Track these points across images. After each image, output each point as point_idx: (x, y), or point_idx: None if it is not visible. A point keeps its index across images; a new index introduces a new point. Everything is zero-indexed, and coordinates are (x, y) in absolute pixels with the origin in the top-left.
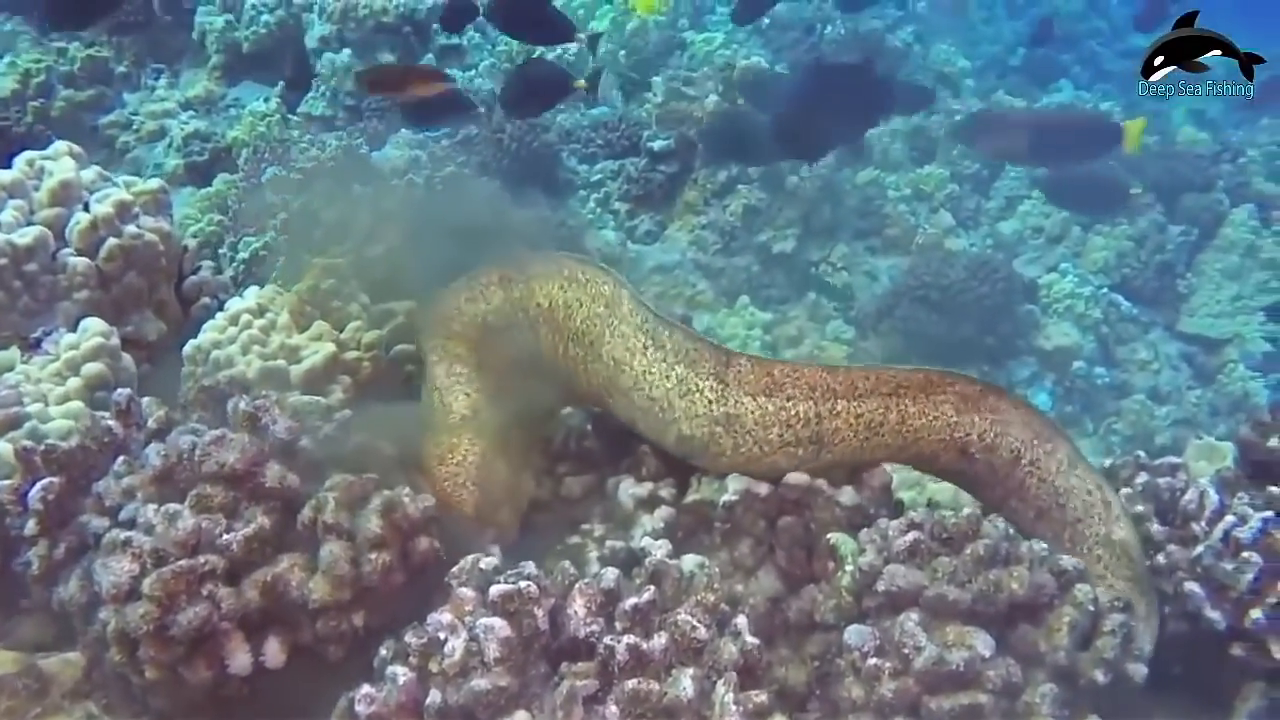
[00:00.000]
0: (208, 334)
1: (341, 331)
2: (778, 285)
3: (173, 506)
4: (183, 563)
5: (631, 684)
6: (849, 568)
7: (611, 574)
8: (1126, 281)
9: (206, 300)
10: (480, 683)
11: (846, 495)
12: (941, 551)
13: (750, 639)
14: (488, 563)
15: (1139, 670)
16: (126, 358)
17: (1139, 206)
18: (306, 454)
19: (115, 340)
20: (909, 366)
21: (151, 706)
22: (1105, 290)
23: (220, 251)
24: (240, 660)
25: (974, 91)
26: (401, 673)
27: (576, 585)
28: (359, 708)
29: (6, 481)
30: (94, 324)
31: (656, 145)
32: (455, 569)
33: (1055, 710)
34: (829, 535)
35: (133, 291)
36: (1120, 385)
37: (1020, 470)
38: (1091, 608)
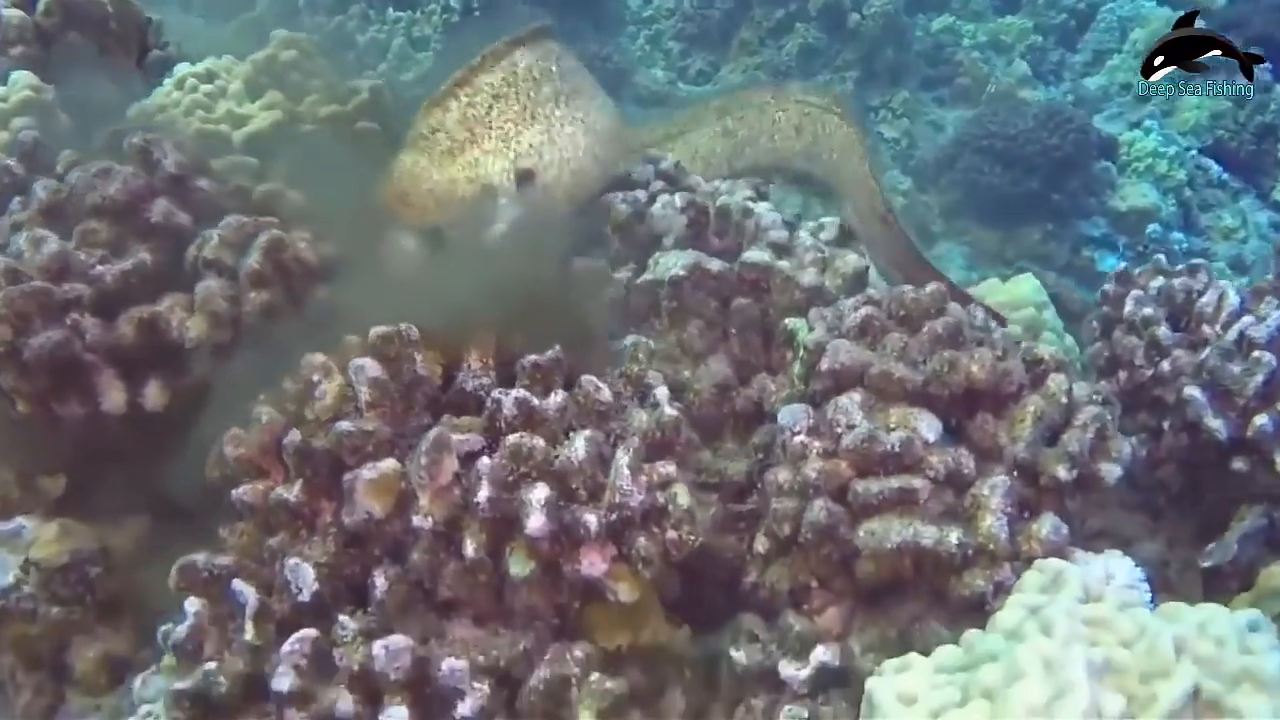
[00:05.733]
0: (155, 98)
1: (298, 105)
2: None
3: (41, 232)
4: (35, 283)
5: (513, 439)
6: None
7: None
8: (1220, 144)
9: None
10: (344, 425)
11: (808, 276)
12: (896, 329)
13: (670, 410)
14: None
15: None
16: (64, 119)
17: None
18: (204, 194)
19: (49, 97)
20: None
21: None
22: (1194, 153)
23: None
24: (113, 398)
25: None
26: (266, 413)
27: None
28: (226, 449)
29: None
30: (24, 77)
31: None
32: None
33: (1006, 504)
34: (786, 320)
35: (76, 52)
36: (1200, 253)
37: None
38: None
